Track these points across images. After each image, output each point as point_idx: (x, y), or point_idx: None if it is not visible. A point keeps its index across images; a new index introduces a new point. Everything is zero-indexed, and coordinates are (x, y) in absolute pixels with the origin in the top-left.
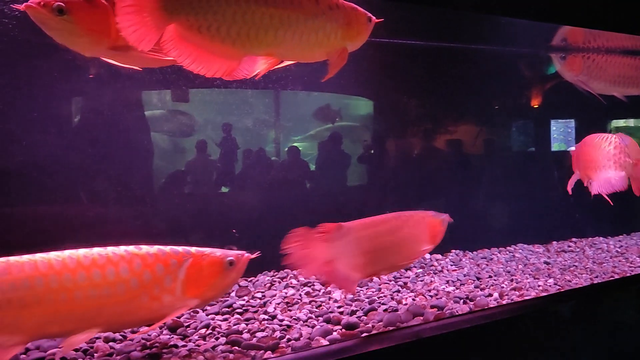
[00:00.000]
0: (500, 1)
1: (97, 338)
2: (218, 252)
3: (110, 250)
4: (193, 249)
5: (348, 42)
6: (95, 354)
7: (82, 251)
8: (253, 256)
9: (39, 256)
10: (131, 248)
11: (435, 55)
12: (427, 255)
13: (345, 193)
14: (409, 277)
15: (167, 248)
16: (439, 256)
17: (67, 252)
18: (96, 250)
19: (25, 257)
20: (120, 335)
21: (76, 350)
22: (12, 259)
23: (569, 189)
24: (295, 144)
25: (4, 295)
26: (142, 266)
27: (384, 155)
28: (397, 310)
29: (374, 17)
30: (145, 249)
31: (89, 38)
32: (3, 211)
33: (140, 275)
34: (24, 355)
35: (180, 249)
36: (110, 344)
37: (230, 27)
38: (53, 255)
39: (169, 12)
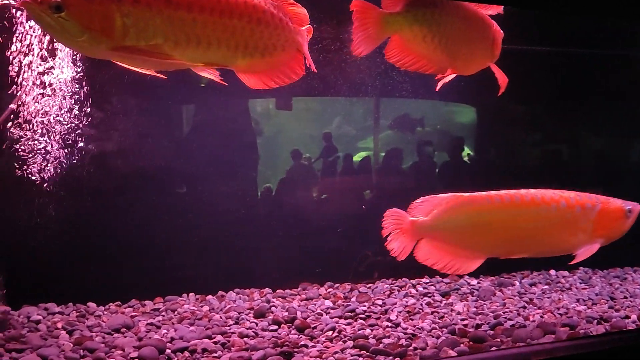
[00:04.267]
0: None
1: (232, 333)
2: (618, 201)
3: (542, 192)
4: (599, 197)
5: None
6: (232, 348)
7: (522, 191)
8: None
9: (493, 193)
10: (557, 192)
11: (539, 60)
12: (553, 272)
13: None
14: (534, 294)
15: (583, 194)
16: (565, 273)
17: (512, 192)
18: (532, 191)
19: (483, 194)
20: (252, 332)
21: (215, 343)
22: (472, 194)
23: None
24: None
25: (470, 220)
26: (566, 206)
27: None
28: (524, 326)
29: None
30: (567, 193)
31: (88, 37)
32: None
33: (565, 214)
34: (169, 344)
35: (591, 196)
36: (245, 339)
37: (445, 38)
38: (502, 193)
39: (391, 24)
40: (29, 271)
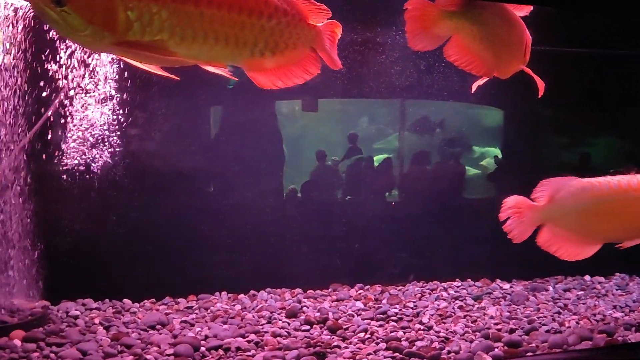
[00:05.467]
0: None
1: (265, 332)
2: None
3: None
4: None
5: None
6: (265, 347)
7: (638, 176)
8: None
9: (610, 178)
10: None
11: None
12: (587, 277)
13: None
14: (569, 299)
15: None
16: (601, 279)
17: (627, 177)
18: None
19: (601, 179)
20: (285, 331)
21: (248, 341)
22: (590, 179)
23: None
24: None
25: (591, 205)
26: None
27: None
28: (560, 332)
29: None
30: None
31: (90, 31)
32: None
33: None
34: (204, 342)
35: None
36: (278, 339)
37: (493, 39)
38: (619, 178)
39: (452, 22)
40: (67, 267)
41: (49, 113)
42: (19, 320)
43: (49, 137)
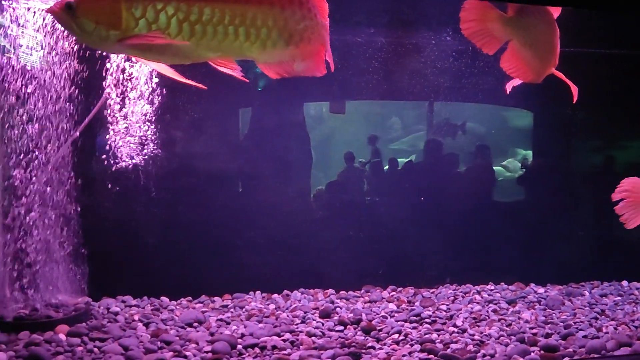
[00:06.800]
0: None
1: (300, 332)
2: None
3: None
4: None
5: None
6: (300, 346)
7: None
8: None
9: None
10: None
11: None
12: (625, 283)
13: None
14: (606, 305)
15: None
16: (639, 284)
17: None
18: None
19: None
20: (320, 331)
21: (284, 340)
22: None
23: None
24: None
25: None
26: None
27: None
28: (597, 337)
29: None
30: None
31: (97, 31)
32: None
33: None
34: (240, 340)
35: None
36: (312, 338)
37: (540, 44)
38: None
39: (509, 27)
40: (108, 264)
41: (91, 114)
42: (64, 315)
43: (94, 137)
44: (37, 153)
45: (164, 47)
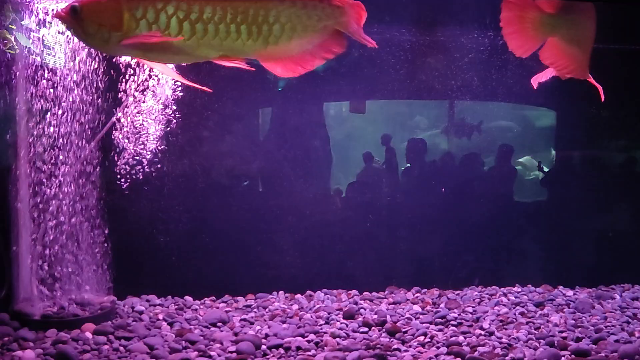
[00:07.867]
0: None
1: (324, 333)
2: None
3: None
4: None
5: None
6: (325, 347)
7: None
8: None
9: None
10: None
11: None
12: None
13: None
14: (638, 308)
15: None
16: None
17: None
18: None
19: None
20: (344, 332)
21: (308, 341)
22: None
23: None
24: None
25: None
26: None
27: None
28: (630, 342)
29: None
30: None
31: (100, 33)
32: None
33: None
34: (264, 340)
35: None
36: (337, 339)
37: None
38: None
39: (549, 26)
40: (133, 264)
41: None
42: (90, 313)
43: (120, 137)
44: (62, 150)
45: (165, 47)
